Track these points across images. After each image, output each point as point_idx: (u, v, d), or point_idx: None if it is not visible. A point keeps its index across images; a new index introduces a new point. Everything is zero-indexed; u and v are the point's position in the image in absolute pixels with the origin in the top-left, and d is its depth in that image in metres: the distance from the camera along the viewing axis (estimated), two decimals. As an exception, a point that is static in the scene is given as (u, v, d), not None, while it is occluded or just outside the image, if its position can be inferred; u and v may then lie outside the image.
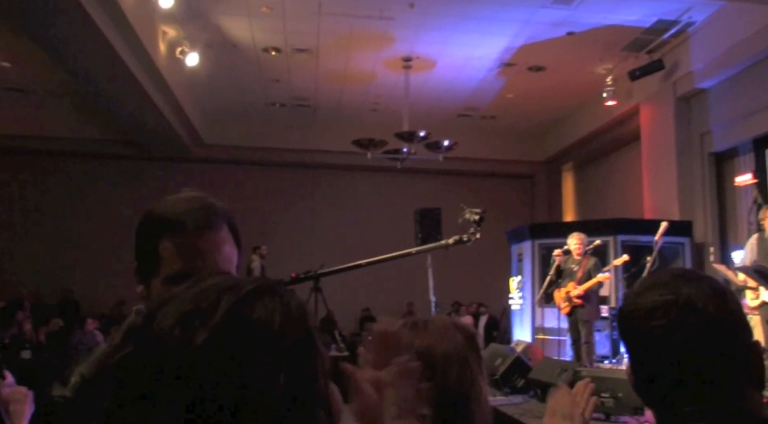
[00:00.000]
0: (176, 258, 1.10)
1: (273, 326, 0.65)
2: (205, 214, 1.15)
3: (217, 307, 0.64)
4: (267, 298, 0.67)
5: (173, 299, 0.67)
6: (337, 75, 10.28)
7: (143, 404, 0.61)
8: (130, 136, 11.90)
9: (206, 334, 0.62)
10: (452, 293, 11.32)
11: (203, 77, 9.92)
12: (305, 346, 0.67)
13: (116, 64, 7.96)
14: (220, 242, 1.15)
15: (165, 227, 1.12)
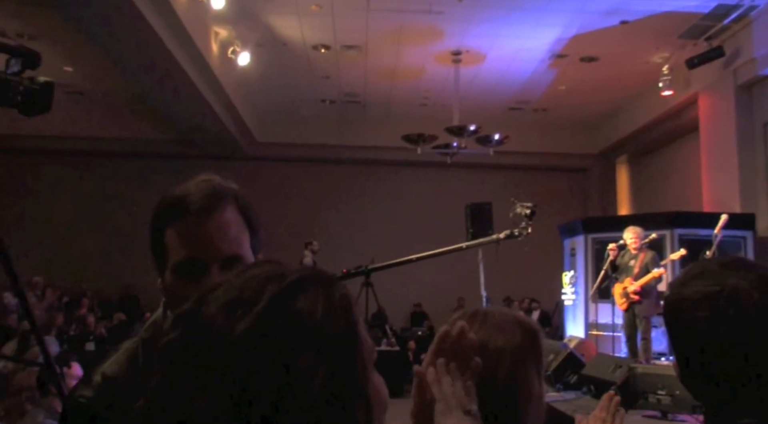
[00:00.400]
0: (180, 246, 1.07)
1: (315, 317, 0.65)
2: (208, 196, 1.09)
3: (261, 296, 0.65)
4: (311, 288, 0.67)
5: (220, 286, 0.68)
6: (387, 71, 10.29)
7: (187, 388, 0.62)
8: (185, 136, 12.17)
9: (248, 323, 0.63)
10: (503, 288, 11.22)
11: (254, 76, 10.07)
12: (347, 338, 0.67)
13: (171, 66, 8.15)
14: (225, 225, 1.09)
15: (168, 214, 1.09)
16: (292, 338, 0.63)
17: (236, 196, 1.15)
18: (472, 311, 1.22)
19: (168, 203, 1.09)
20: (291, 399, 0.61)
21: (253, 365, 0.61)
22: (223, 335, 0.63)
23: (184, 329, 0.66)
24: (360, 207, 13.53)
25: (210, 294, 0.67)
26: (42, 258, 11.05)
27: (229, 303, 0.65)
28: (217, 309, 0.65)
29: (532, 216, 6.67)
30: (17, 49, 2.16)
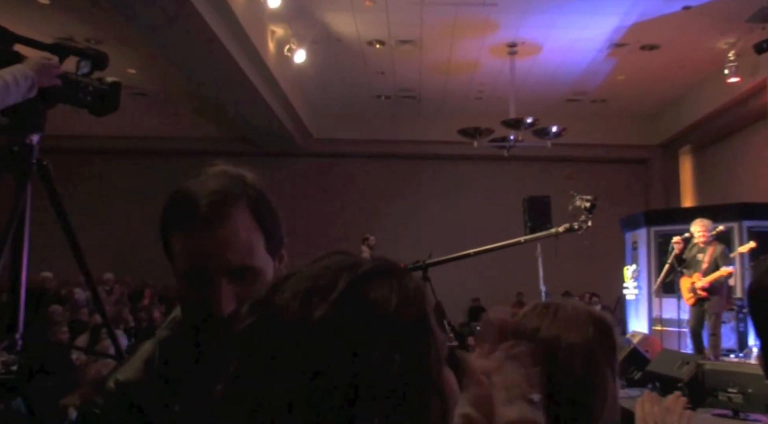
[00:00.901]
0: (185, 256, 1.00)
1: (389, 307, 0.65)
2: (215, 202, 0.99)
3: (336, 285, 0.65)
4: (384, 278, 0.68)
5: (295, 274, 0.69)
6: (442, 65, 10.25)
7: (263, 373, 0.63)
8: (243, 134, 12.40)
9: (323, 311, 0.63)
10: (563, 282, 11.03)
11: (310, 73, 10.17)
12: (421, 328, 0.67)
13: (230, 66, 8.31)
14: (233, 235, 0.99)
15: (172, 220, 1.03)
16: (367, 327, 0.64)
17: (249, 195, 1.04)
18: (543, 305, 1.19)
19: (173, 207, 1.03)
20: (366, 388, 0.61)
21: (328, 353, 0.62)
22: (299, 322, 0.64)
23: (260, 315, 0.67)
24: (416, 202, 13.52)
25: (284, 282, 0.68)
26: (109, 255, 11.44)
27: (305, 291, 0.66)
28: (292, 297, 0.66)
29: (592, 209, 6.53)
30: (86, 51, 2.25)
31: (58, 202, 2.13)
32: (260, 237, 1.02)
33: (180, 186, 1.05)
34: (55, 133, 2.16)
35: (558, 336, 1.11)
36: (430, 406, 0.66)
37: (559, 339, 1.10)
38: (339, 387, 0.61)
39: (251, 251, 1.00)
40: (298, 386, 0.61)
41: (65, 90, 2.09)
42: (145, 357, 1.04)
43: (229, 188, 1.02)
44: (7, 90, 1.86)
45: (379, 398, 0.62)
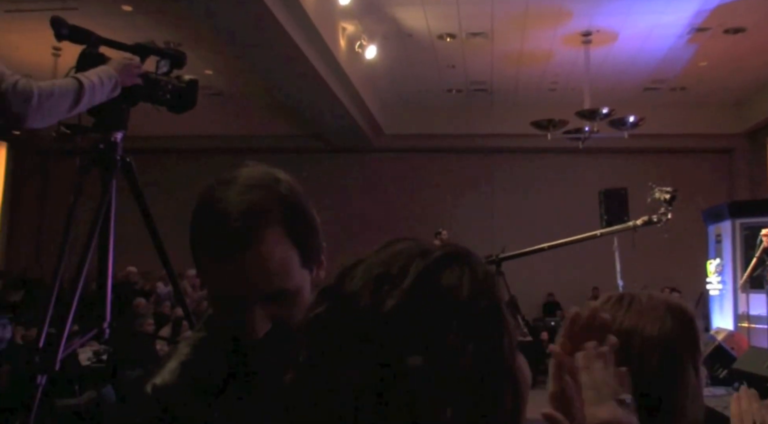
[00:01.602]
0: (212, 283, 0.95)
1: (461, 293, 0.64)
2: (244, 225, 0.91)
3: (407, 272, 0.65)
4: (456, 265, 0.67)
5: (364, 261, 0.69)
6: (514, 56, 10.09)
7: (334, 361, 0.63)
8: (315, 131, 12.58)
9: (395, 299, 0.63)
10: (641, 277, 10.67)
11: (381, 69, 10.21)
12: (493, 315, 0.66)
13: (302, 64, 8.45)
14: (264, 259, 0.91)
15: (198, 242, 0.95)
16: (439, 314, 0.63)
17: (283, 208, 0.96)
18: (618, 296, 1.14)
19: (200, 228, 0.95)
20: (439, 377, 0.61)
21: (400, 341, 0.62)
22: (370, 310, 0.63)
23: (330, 304, 0.67)
24: (489, 196, 13.39)
25: (353, 269, 0.68)
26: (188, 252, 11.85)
27: (376, 279, 0.66)
28: (362, 285, 0.66)
29: (671, 201, 6.33)
30: (165, 51, 2.34)
31: (141, 197, 2.22)
32: (295, 254, 0.95)
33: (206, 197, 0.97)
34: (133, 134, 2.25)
35: (633, 329, 1.06)
36: (504, 394, 0.65)
37: (634, 332, 1.05)
38: (411, 376, 0.60)
39: (287, 272, 0.93)
40: (370, 375, 0.61)
41: (146, 89, 2.18)
42: (182, 359, 1.00)
43: (260, 205, 0.93)
44: (93, 90, 1.96)
45: (452, 386, 0.61)
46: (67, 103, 1.90)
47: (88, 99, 1.95)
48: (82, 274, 2.00)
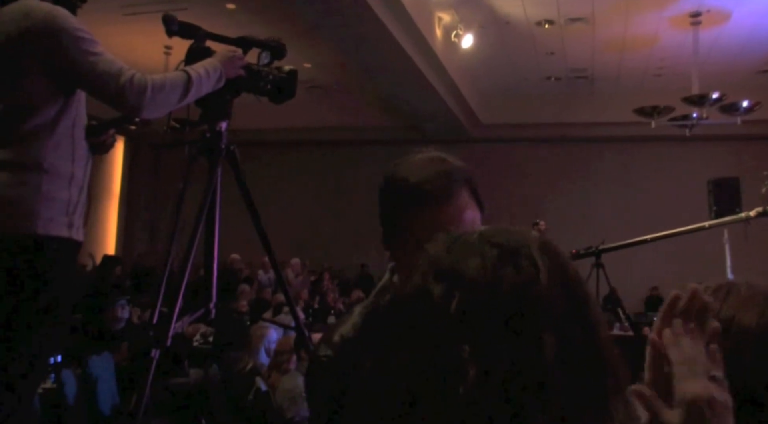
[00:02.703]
0: (420, 231, 1.05)
1: (539, 284, 0.65)
2: (445, 182, 1.10)
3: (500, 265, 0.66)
4: (534, 255, 0.67)
5: (432, 252, 0.71)
6: (616, 41, 9.73)
7: (412, 352, 0.65)
8: (412, 122, 12.63)
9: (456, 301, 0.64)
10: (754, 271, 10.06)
11: (478, 58, 10.12)
12: (581, 310, 0.66)
13: (399, 55, 8.51)
14: (460, 211, 1.10)
15: (406, 197, 1.10)
16: (523, 307, 0.63)
17: (468, 176, 1.17)
18: (716, 286, 1.10)
19: (404, 185, 1.10)
20: (525, 371, 0.61)
21: (483, 333, 0.62)
22: (445, 304, 0.64)
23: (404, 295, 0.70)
24: (588, 186, 13.01)
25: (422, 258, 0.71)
26: (291, 241, 12.23)
27: (445, 271, 0.67)
28: (432, 277, 0.67)
29: (789, 190, 5.93)
30: (266, 43, 2.43)
31: (244, 185, 2.33)
32: (478, 213, 1.15)
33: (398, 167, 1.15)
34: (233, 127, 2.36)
35: (730, 318, 1.01)
36: (606, 384, 0.65)
37: (731, 321, 1.00)
38: (497, 371, 0.61)
39: (474, 225, 1.10)
40: (450, 360, 0.62)
41: (248, 80, 2.28)
42: (356, 320, 1.12)
43: (452, 170, 1.14)
44: (200, 82, 2.07)
45: (539, 380, 0.61)
46: (177, 95, 2.02)
47: (196, 90, 2.07)
48: (191, 256, 2.12)
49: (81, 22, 1.99)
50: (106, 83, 1.93)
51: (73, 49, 1.91)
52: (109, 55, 1.97)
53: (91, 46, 1.94)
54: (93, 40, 1.96)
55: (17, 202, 1.91)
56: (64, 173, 1.99)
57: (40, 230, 1.93)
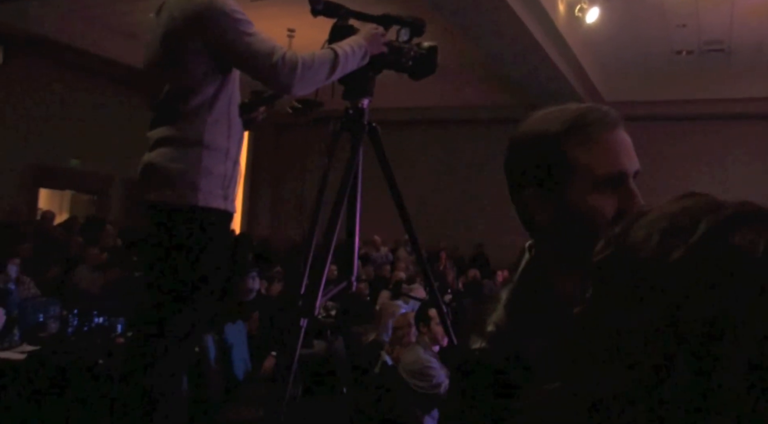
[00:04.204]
0: (600, 160, 0.99)
1: (755, 255, 0.61)
2: (610, 111, 1.03)
3: (696, 227, 0.63)
4: (751, 224, 0.64)
5: (650, 212, 0.69)
6: (759, 9, 9.02)
7: (618, 303, 0.65)
8: (531, 100, 12.31)
9: (682, 252, 0.62)
10: None
11: (602, 32, 9.69)
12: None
13: (519, 31, 8.31)
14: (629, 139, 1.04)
15: (578, 130, 0.99)
16: (728, 273, 0.61)
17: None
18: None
19: (571, 121, 1.01)
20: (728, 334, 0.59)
21: (686, 292, 0.61)
22: (654, 261, 0.63)
23: (615, 249, 0.68)
24: (722, 165, 12.24)
25: (639, 219, 0.69)
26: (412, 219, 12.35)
27: (661, 231, 0.65)
28: (646, 235, 0.66)
29: None
30: (406, 19, 2.43)
31: (385, 162, 2.36)
32: None
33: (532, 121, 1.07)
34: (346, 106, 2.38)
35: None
36: None
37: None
38: (695, 329, 0.60)
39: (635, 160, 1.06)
40: (652, 321, 0.62)
41: (390, 56, 2.29)
42: (505, 304, 1.03)
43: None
44: (347, 59, 2.11)
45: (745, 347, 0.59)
46: (325, 72, 2.08)
47: (342, 68, 2.11)
48: (335, 230, 2.18)
49: (237, 4, 2.07)
50: (260, 62, 2.01)
51: (231, 30, 2.00)
52: (263, 35, 2.05)
53: (247, 27, 2.03)
54: (248, 21, 2.05)
55: (181, 175, 2.04)
56: (221, 148, 2.11)
57: (201, 201, 2.05)
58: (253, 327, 5.13)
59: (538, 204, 1.02)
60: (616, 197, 0.99)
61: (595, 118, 1.01)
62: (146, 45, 2.23)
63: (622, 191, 0.99)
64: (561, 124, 1.01)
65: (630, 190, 1.01)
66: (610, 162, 1.00)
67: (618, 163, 1.00)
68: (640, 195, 1.01)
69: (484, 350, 0.95)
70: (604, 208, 0.98)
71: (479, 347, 0.95)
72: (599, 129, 1.00)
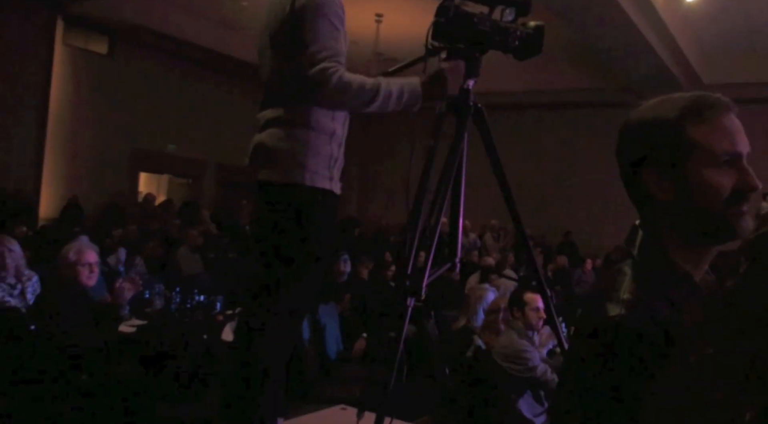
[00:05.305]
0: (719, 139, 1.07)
1: None
2: (718, 95, 1.11)
3: None
4: None
5: None
6: None
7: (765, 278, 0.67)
8: (624, 84, 11.92)
9: None
10: None
11: (702, 11, 9.26)
12: None
13: (614, 11, 8.05)
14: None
15: (698, 110, 1.09)
16: None
17: None
18: None
19: (690, 105, 1.11)
20: None
21: None
22: None
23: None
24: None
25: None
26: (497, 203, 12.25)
27: None
28: None
29: None
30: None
31: (491, 144, 2.35)
32: None
33: (646, 107, 1.16)
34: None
35: None
36: None
37: None
38: None
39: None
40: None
41: (496, 36, 2.26)
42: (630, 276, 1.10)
43: None
44: (387, 100, 2.09)
45: None
46: (358, 102, 2.08)
47: (379, 105, 2.09)
48: (441, 212, 2.20)
49: (338, 6, 2.11)
50: (305, 61, 2.04)
51: (311, 21, 2.04)
52: (332, 43, 2.07)
53: (323, 27, 2.06)
54: (332, 24, 2.08)
55: (290, 154, 2.10)
56: (327, 130, 2.15)
57: (308, 181, 2.11)
58: (345, 308, 5.24)
59: (658, 183, 1.09)
60: (732, 176, 1.06)
61: (711, 102, 1.10)
62: (261, 29, 2.30)
63: (737, 170, 1.07)
64: (679, 108, 1.10)
65: (745, 168, 1.08)
66: (727, 142, 1.07)
67: (734, 143, 1.08)
68: (754, 174, 1.07)
69: (623, 317, 1.00)
70: (721, 186, 1.06)
71: (618, 314, 1.01)
72: (716, 112, 1.09)
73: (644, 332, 0.99)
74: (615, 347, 1.01)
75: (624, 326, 1.01)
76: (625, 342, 1.00)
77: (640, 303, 1.04)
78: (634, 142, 1.15)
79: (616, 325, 1.02)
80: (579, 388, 1.02)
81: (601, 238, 12.41)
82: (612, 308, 1.05)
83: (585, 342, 1.08)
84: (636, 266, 1.12)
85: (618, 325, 1.02)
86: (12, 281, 4.33)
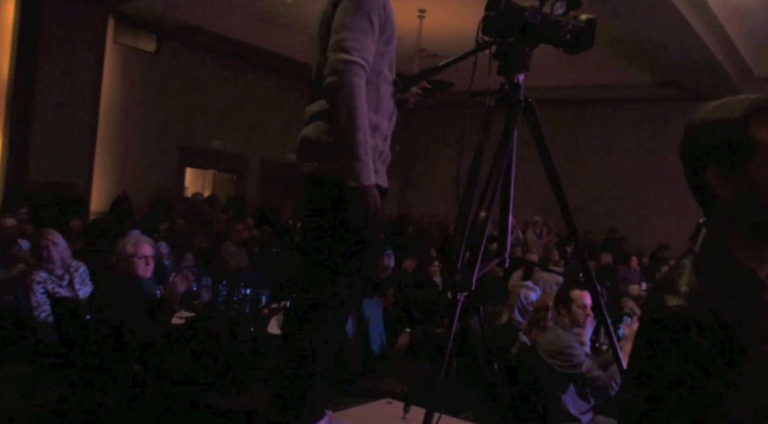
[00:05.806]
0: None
1: None
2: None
3: None
4: None
5: None
6: None
7: None
8: (669, 78, 11.66)
9: None
10: None
11: (755, 2, 8.98)
12: None
13: (664, 5, 7.87)
14: None
15: (750, 115, 1.11)
16: None
17: None
18: None
19: (755, 106, 1.13)
20: None
21: None
22: None
23: None
24: None
25: None
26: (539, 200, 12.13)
27: None
28: None
29: None
30: (562, -8, 2.37)
31: (541, 139, 2.33)
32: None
33: (710, 108, 1.19)
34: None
35: None
36: None
37: None
38: None
39: None
40: None
41: (547, 30, 2.25)
42: (690, 269, 1.13)
43: None
44: (351, 140, 2.02)
45: None
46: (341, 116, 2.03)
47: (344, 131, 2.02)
48: (491, 207, 2.19)
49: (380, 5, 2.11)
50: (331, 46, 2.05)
51: (345, 10, 2.05)
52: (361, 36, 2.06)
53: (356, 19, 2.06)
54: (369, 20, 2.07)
55: (332, 147, 2.10)
56: (370, 123, 2.12)
57: None
58: (389, 303, 5.26)
59: (722, 182, 1.12)
60: None
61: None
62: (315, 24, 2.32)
63: None
64: (744, 109, 1.13)
65: None
66: None
67: None
68: None
69: (682, 307, 1.03)
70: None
71: (677, 305, 1.04)
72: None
73: (701, 322, 1.01)
74: (672, 337, 1.04)
75: (681, 315, 1.04)
76: (681, 332, 1.03)
77: (698, 295, 1.06)
78: (699, 143, 1.17)
79: (674, 315, 1.05)
80: (640, 376, 1.06)
81: (646, 235, 12.21)
82: (670, 299, 1.08)
83: (644, 331, 1.11)
84: (696, 260, 1.14)
85: (676, 315, 1.05)
86: (60, 272, 4.47)
